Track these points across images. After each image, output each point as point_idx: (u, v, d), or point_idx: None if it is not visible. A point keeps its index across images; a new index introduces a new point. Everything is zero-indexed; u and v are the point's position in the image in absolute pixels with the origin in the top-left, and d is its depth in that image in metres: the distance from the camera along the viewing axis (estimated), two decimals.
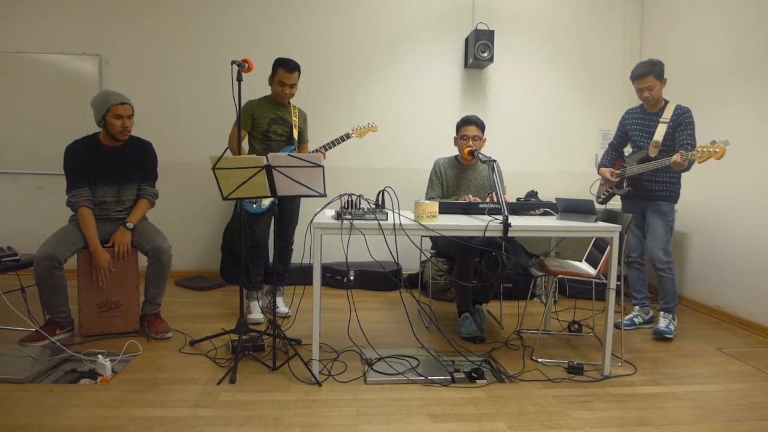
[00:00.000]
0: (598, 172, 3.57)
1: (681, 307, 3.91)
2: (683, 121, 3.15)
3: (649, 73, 3.18)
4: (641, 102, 3.36)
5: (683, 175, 3.30)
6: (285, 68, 3.22)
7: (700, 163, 2.94)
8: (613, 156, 3.57)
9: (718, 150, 2.82)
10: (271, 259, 3.66)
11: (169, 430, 1.98)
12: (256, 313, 3.35)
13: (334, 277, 4.38)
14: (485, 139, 3.37)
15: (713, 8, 3.92)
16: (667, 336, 3.19)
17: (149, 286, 3.02)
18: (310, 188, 2.52)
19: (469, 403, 2.28)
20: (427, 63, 4.70)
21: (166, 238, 3.03)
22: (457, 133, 3.40)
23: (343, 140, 3.43)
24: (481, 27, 4.44)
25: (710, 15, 3.95)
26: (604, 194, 3.55)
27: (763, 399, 2.43)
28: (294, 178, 2.48)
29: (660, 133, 3.20)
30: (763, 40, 3.48)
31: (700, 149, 2.88)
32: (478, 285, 3.27)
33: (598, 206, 3.19)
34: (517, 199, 3.34)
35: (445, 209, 2.83)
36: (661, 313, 3.30)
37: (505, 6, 4.73)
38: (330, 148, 3.42)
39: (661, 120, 3.23)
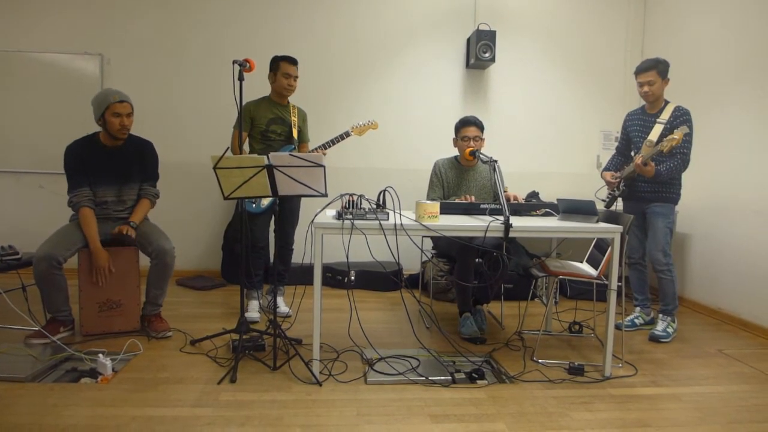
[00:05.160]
0: (601, 176, 3.56)
1: (682, 309, 3.90)
2: (679, 124, 3.12)
3: (652, 67, 3.18)
4: (643, 103, 3.36)
5: (684, 176, 3.29)
6: (288, 61, 3.30)
7: (666, 152, 3.01)
8: (618, 160, 3.55)
9: (676, 137, 2.94)
10: (272, 259, 3.66)
11: (170, 430, 1.99)
12: (253, 312, 3.36)
13: (335, 277, 4.38)
14: (484, 139, 3.37)
15: (715, 10, 3.92)
16: (663, 340, 3.19)
17: (151, 287, 3.02)
18: (311, 188, 2.51)
19: (470, 404, 2.27)
20: (429, 63, 4.70)
21: (169, 240, 3.03)
22: (456, 135, 3.39)
23: (343, 138, 3.44)
24: (482, 27, 4.44)
25: (712, 17, 3.95)
26: (607, 197, 3.54)
27: (764, 401, 2.42)
28: (295, 178, 2.48)
29: (655, 133, 3.19)
30: (763, 42, 3.48)
31: (665, 141, 3.00)
32: (478, 285, 3.26)
33: (603, 209, 3.19)
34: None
35: (446, 210, 2.83)
36: (660, 315, 3.29)
37: (506, 6, 4.73)
38: (329, 146, 3.43)
39: (658, 120, 3.22)
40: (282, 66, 3.29)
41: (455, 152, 3.46)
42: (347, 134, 3.46)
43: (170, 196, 4.06)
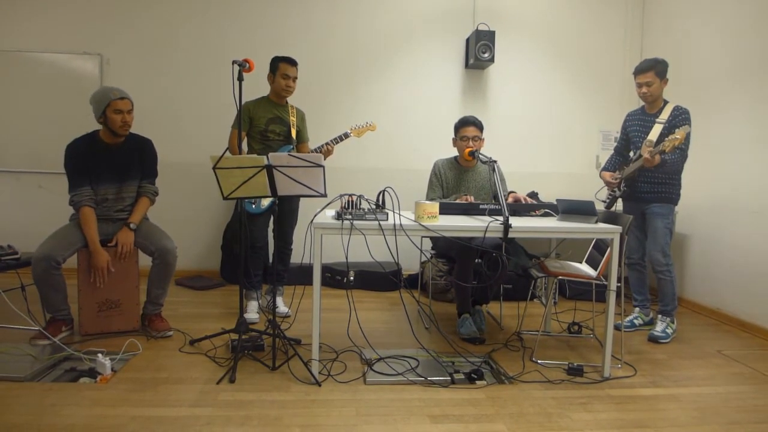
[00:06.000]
0: (600, 176, 3.56)
1: (681, 309, 3.90)
2: (678, 123, 3.13)
3: (651, 68, 3.18)
4: (642, 103, 3.36)
5: (683, 176, 3.30)
6: (287, 62, 3.30)
7: (668, 151, 3.00)
8: (617, 160, 3.55)
9: (678, 136, 2.93)
10: (271, 259, 3.66)
11: (169, 430, 1.98)
12: (252, 313, 3.36)
13: (334, 277, 4.38)
14: (483, 139, 3.37)
15: (713, 11, 3.92)
16: (662, 341, 3.19)
17: (152, 287, 3.02)
18: (310, 188, 2.51)
19: (469, 404, 2.27)
20: (428, 63, 4.70)
21: (171, 239, 3.03)
22: (455, 135, 3.39)
23: (342, 139, 3.44)
24: (482, 28, 4.44)
25: (710, 18, 3.95)
26: (607, 198, 3.54)
27: (763, 401, 2.42)
28: (294, 178, 2.48)
29: (655, 132, 3.19)
30: (762, 42, 3.48)
31: (667, 140, 2.98)
32: (478, 286, 3.26)
33: (603, 209, 3.19)
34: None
35: (445, 210, 2.83)
36: (659, 316, 3.29)
37: (506, 7, 4.73)
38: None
39: (657, 120, 3.22)
40: (281, 67, 3.29)
41: (455, 152, 3.46)
42: (346, 135, 3.46)
43: (169, 196, 4.06)
